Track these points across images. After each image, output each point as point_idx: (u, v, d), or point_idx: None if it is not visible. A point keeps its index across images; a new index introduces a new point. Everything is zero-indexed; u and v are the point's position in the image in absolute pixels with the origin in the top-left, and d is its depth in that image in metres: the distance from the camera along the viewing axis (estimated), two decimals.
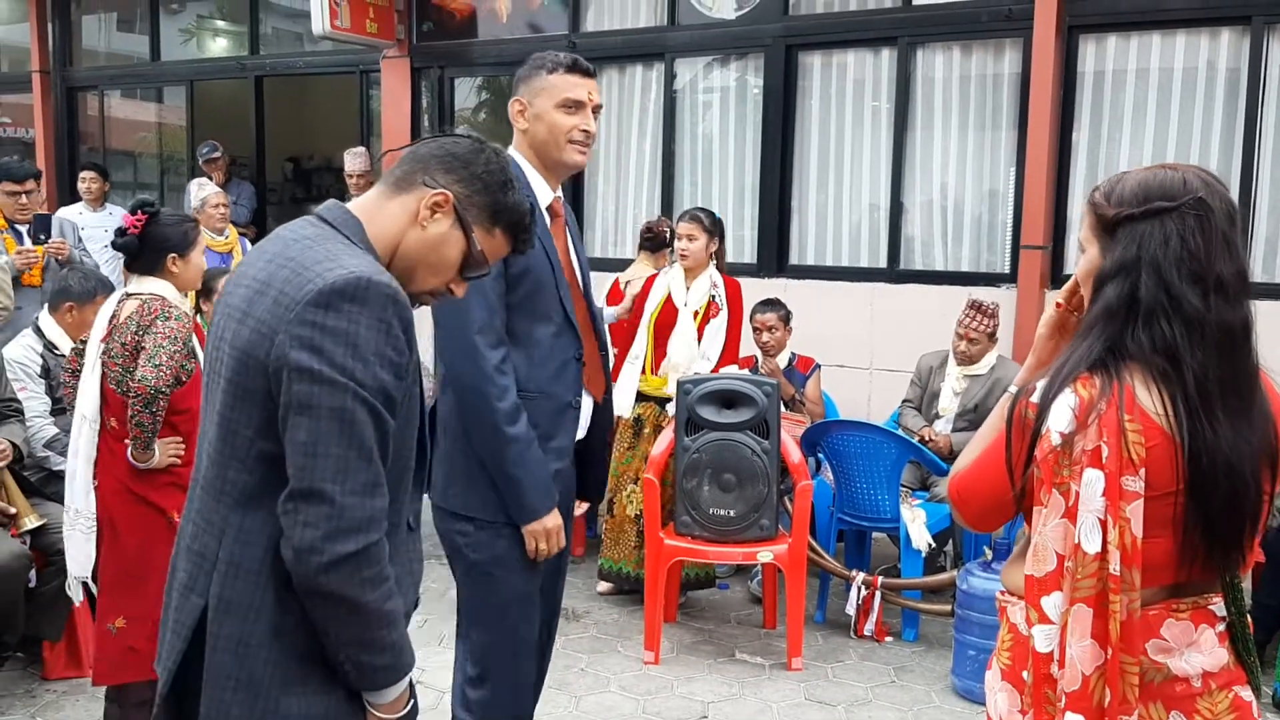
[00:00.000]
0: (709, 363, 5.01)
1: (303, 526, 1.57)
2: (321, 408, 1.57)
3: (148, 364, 3.33)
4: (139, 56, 10.13)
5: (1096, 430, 1.61)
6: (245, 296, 1.68)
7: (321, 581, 1.58)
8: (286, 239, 1.73)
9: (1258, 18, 5.56)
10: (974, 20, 6.28)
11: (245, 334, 1.64)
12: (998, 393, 5.15)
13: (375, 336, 1.60)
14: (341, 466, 1.57)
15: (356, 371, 1.58)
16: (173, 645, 1.72)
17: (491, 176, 1.82)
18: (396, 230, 1.79)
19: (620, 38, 7.44)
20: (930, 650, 4.68)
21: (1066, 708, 1.63)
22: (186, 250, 3.51)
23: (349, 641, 1.63)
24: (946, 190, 6.54)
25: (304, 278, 1.62)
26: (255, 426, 1.64)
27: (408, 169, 1.81)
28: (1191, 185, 1.66)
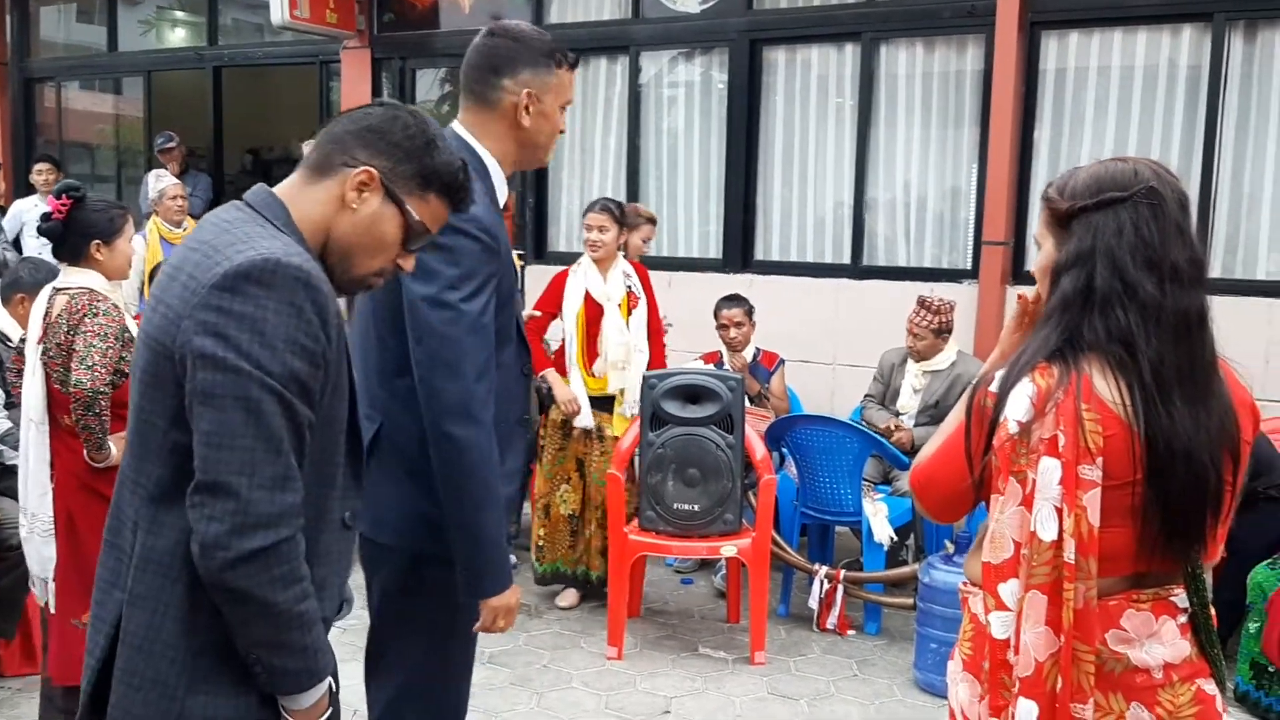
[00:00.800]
0: (643, 354, 4.92)
1: (208, 520, 1.50)
2: (226, 397, 1.50)
3: (80, 366, 3.24)
4: (97, 48, 9.99)
5: (1054, 419, 1.61)
6: (161, 283, 1.63)
7: (227, 578, 1.50)
8: (209, 223, 1.66)
9: (1219, 15, 5.61)
10: (937, 16, 6.30)
11: (156, 320, 1.58)
12: (958, 389, 5.19)
13: (284, 321, 1.52)
14: (248, 459, 1.50)
15: (263, 359, 1.50)
16: (95, 641, 1.66)
17: (413, 142, 1.73)
18: (323, 216, 1.70)
19: (584, 30, 7.40)
20: (892, 643, 4.68)
21: (1020, 693, 1.63)
22: (112, 237, 3.41)
23: (258, 642, 1.56)
24: (909, 187, 6.56)
25: (212, 260, 1.55)
26: (168, 417, 1.57)
27: (325, 151, 1.72)
28: (1143, 175, 1.67)
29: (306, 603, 1.57)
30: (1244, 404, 1.72)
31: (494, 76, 2.31)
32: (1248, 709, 4.06)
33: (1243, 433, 1.69)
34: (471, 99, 2.35)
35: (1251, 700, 4.06)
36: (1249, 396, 1.75)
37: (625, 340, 4.88)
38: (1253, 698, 4.05)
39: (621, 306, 4.91)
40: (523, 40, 2.34)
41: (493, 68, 2.31)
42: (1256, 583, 4.14)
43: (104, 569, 1.68)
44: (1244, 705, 4.06)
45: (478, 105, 2.34)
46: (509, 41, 2.33)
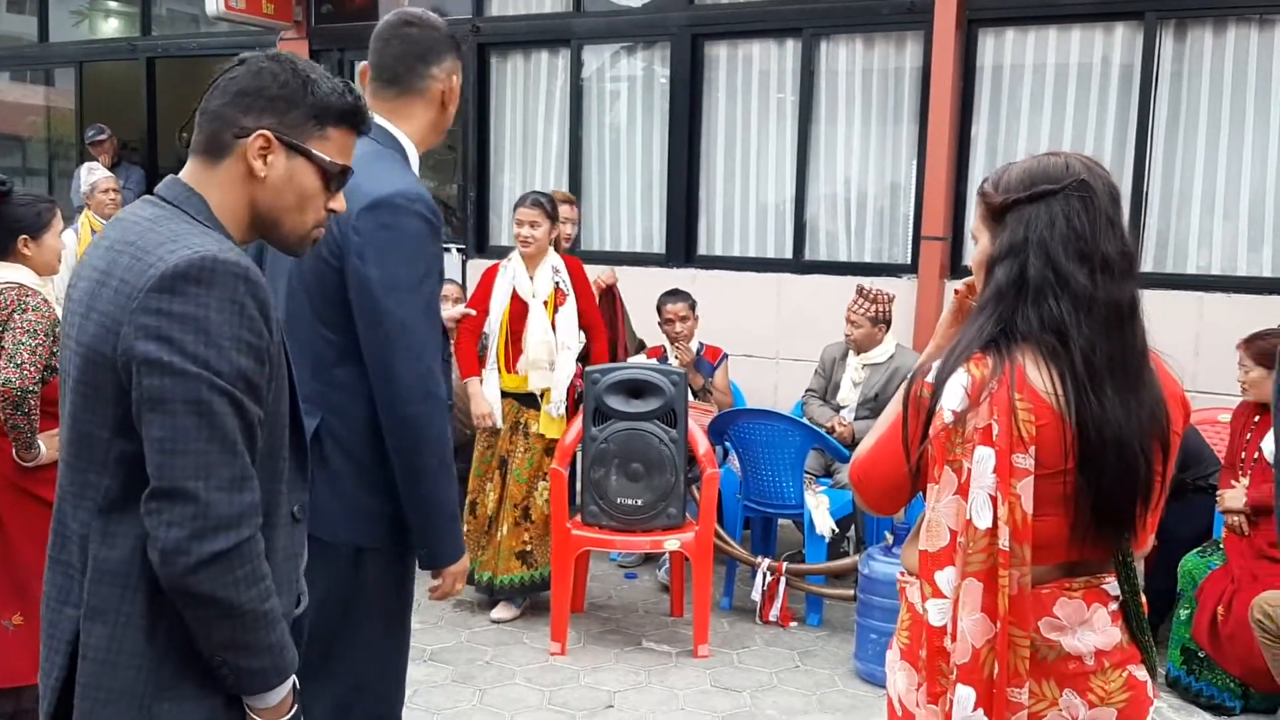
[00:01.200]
0: (570, 351, 4.79)
1: (167, 526, 1.47)
2: (176, 401, 1.47)
3: (9, 365, 3.16)
4: (27, 38, 9.76)
5: (988, 408, 1.63)
6: (87, 289, 1.57)
7: (190, 583, 1.48)
8: (127, 223, 1.61)
9: (1150, 13, 5.71)
10: (876, 13, 6.35)
11: (90, 329, 1.54)
12: (897, 381, 5.23)
13: (227, 319, 1.50)
14: (204, 462, 1.48)
15: (210, 359, 1.48)
16: (52, 661, 1.62)
17: (288, 88, 1.66)
18: (238, 196, 1.66)
19: (526, 23, 7.38)
20: (834, 635, 4.72)
21: (958, 680, 1.65)
22: (39, 232, 3.33)
23: (224, 644, 1.54)
24: (850, 182, 6.61)
25: (145, 262, 1.51)
26: (110, 427, 1.54)
27: (210, 130, 1.66)
28: (1074, 169, 1.70)
29: (269, 601, 1.56)
30: (1175, 396, 1.75)
31: (422, 65, 2.39)
32: (1179, 694, 4.15)
33: (1173, 424, 1.72)
34: (394, 85, 2.39)
35: (1183, 685, 4.14)
36: (1180, 389, 1.78)
37: (548, 340, 4.75)
38: (1184, 683, 4.14)
39: (548, 304, 4.80)
40: (440, 29, 2.44)
41: (421, 56, 2.38)
42: (1187, 570, 4.23)
43: (51, 586, 1.64)
44: (1175, 690, 4.15)
45: (401, 91, 2.39)
46: (432, 31, 2.41)
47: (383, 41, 2.41)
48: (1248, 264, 5.74)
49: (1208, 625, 4.05)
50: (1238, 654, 3.95)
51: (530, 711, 3.97)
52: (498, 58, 7.53)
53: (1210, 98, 5.72)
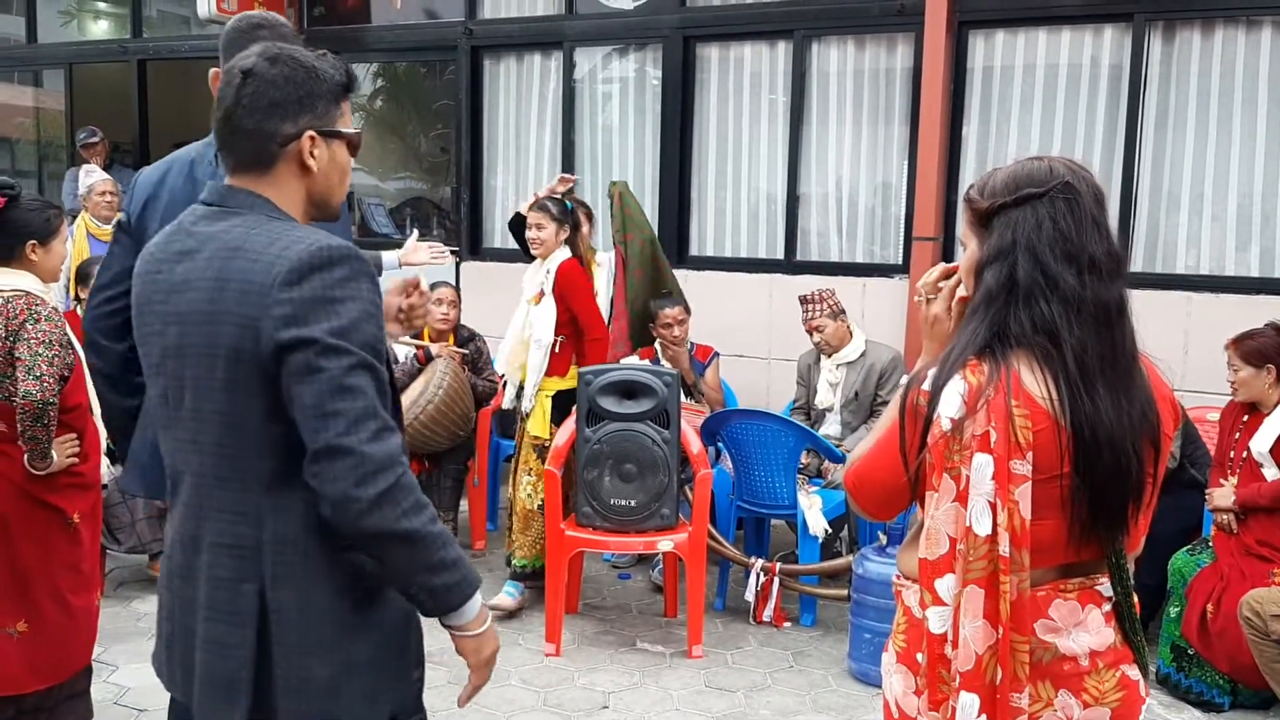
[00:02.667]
0: (539, 346, 4.87)
1: (331, 482, 1.63)
2: (320, 371, 1.63)
3: (28, 377, 3.13)
4: (15, 38, 9.72)
5: (985, 415, 1.64)
6: (201, 299, 1.71)
7: (366, 525, 1.64)
8: (212, 235, 1.75)
9: (1139, 15, 5.74)
10: (867, 15, 6.37)
11: (226, 332, 1.68)
12: (874, 376, 5.29)
13: (350, 296, 1.68)
14: (352, 420, 1.64)
15: (343, 332, 1.65)
16: (238, 635, 1.74)
17: (307, 84, 1.79)
18: (294, 190, 1.82)
19: (517, 25, 7.38)
20: (827, 635, 4.75)
21: (961, 687, 1.66)
22: (48, 238, 3.30)
23: (414, 569, 1.70)
24: (841, 182, 6.63)
25: (264, 262, 1.67)
26: (262, 414, 1.70)
27: (254, 147, 1.78)
28: (1058, 172, 1.73)
29: (437, 524, 1.72)
30: (1165, 398, 1.77)
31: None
32: (1169, 690, 4.18)
33: (1163, 426, 1.75)
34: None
35: (1173, 682, 4.18)
36: (1169, 392, 1.80)
37: (517, 337, 4.99)
38: (1174, 680, 4.18)
39: (532, 300, 4.96)
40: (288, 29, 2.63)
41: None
42: (1176, 568, 4.26)
43: (218, 569, 1.76)
44: (1165, 687, 4.18)
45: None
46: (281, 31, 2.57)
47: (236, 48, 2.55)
48: (1235, 264, 5.77)
49: (1197, 623, 4.08)
50: (1227, 651, 3.98)
51: (525, 713, 3.99)
52: (490, 60, 7.54)
53: (1198, 98, 5.75)
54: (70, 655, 3.38)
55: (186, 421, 1.77)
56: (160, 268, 1.79)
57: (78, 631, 3.39)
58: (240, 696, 1.74)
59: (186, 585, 1.81)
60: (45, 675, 3.32)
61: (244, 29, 2.54)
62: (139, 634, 4.60)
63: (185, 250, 1.76)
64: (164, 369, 1.79)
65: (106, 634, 4.55)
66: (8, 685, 3.28)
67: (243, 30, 2.54)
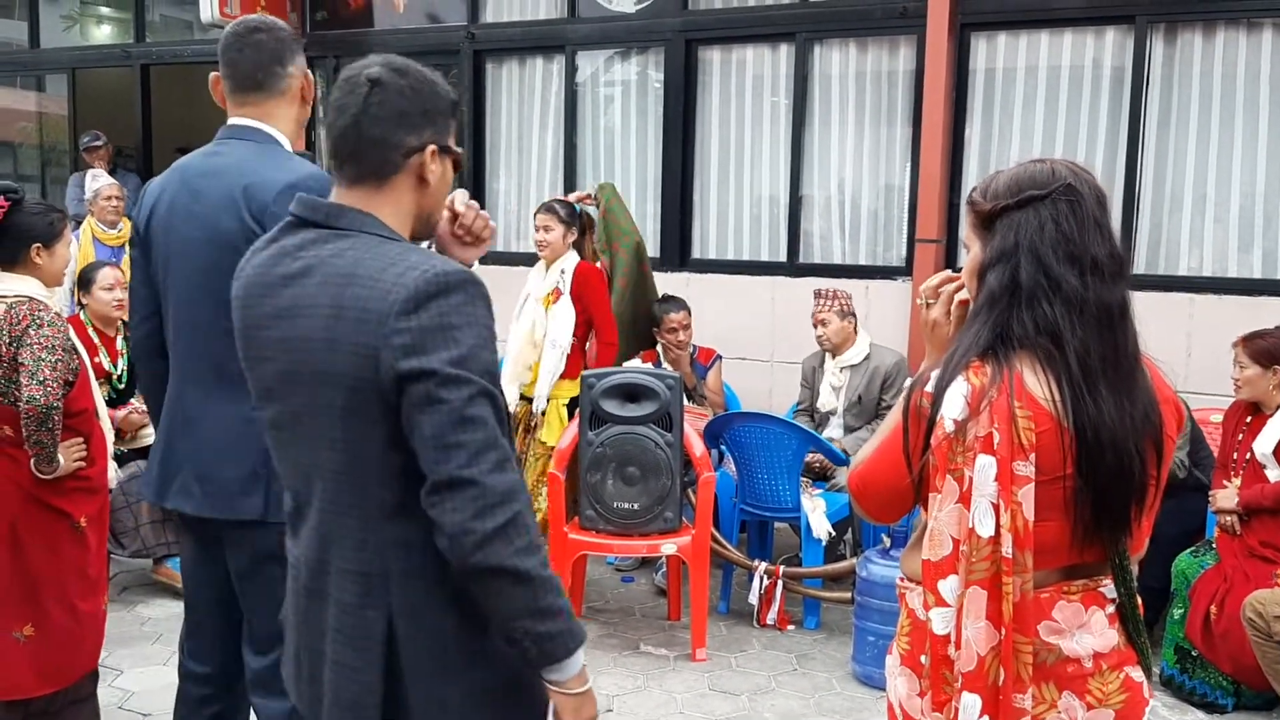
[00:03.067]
0: (556, 349, 4.92)
1: (450, 513, 1.60)
2: (441, 403, 1.60)
3: (32, 382, 3.13)
4: (18, 43, 9.75)
5: (988, 417, 1.65)
6: (316, 326, 1.68)
7: (479, 560, 1.60)
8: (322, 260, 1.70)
9: (1141, 17, 5.75)
10: (869, 17, 6.38)
11: (343, 361, 1.65)
12: (878, 380, 5.28)
13: (468, 322, 1.65)
14: (473, 451, 1.61)
15: (463, 361, 1.62)
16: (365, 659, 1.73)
17: (430, 98, 1.77)
18: (408, 206, 1.79)
19: (520, 29, 7.39)
20: (831, 637, 4.75)
21: (963, 688, 1.66)
22: (52, 241, 3.29)
23: (521, 613, 1.64)
24: (844, 185, 6.64)
25: (380, 290, 1.63)
26: (382, 442, 1.67)
27: (378, 157, 1.74)
28: (1060, 174, 1.73)
29: (548, 569, 1.67)
30: (1168, 401, 1.78)
31: (279, 66, 2.57)
32: (1173, 692, 4.18)
33: (1166, 427, 1.75)
34: (259, 90, 2.57)
35: (1176, 684, 4.17)
36: (1173, 394, 1.81)
37: (527, 337, 5.00)
38: (1177, 681, 4.17)
39: (543, 300, 4.98)
40: (286, 31, 2.63)
41: (276, 58, 2.56)
42: (1180, 570, 4.26)
43: (344, 593, 1.74)
44: (1169, 689, 4.18)
45: (267, 94, 2.57)
46: (279, 34, 2.59)
47: (235, 52, 2.57)
48: (1238, 265, 5.77)
49: (1201, 624, 4.08)
50: (1230, 652, 3.98)
51: None
52: (493, 64, 7.55)
53: (1200, 100, 5.75)
54: (76, 660, 3.38)
55: (305, 448, 1.76)
56: (266, 292, 1.75)
57: (84, 636, 3.40)
58: (370, 718, 1.74)
59: (314, 606, 1.80)
60: (51, 680, 3.32)
61: (241, 33, 2.56)
62: (143, 638, 4.60)
63: (291, 274, 1.72)
64: (277, 395, 1.77)
65: (111, 639, 4.55)
66: (14, 690, 3.28)
67: (240, 34, 2.55)
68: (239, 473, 2.47)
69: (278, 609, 2.51)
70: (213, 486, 2.49)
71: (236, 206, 2.42)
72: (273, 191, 2.38)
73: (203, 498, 2.51)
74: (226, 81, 2.58)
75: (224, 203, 2.44)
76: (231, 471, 2.47)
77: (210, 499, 2.50)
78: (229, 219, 2.42)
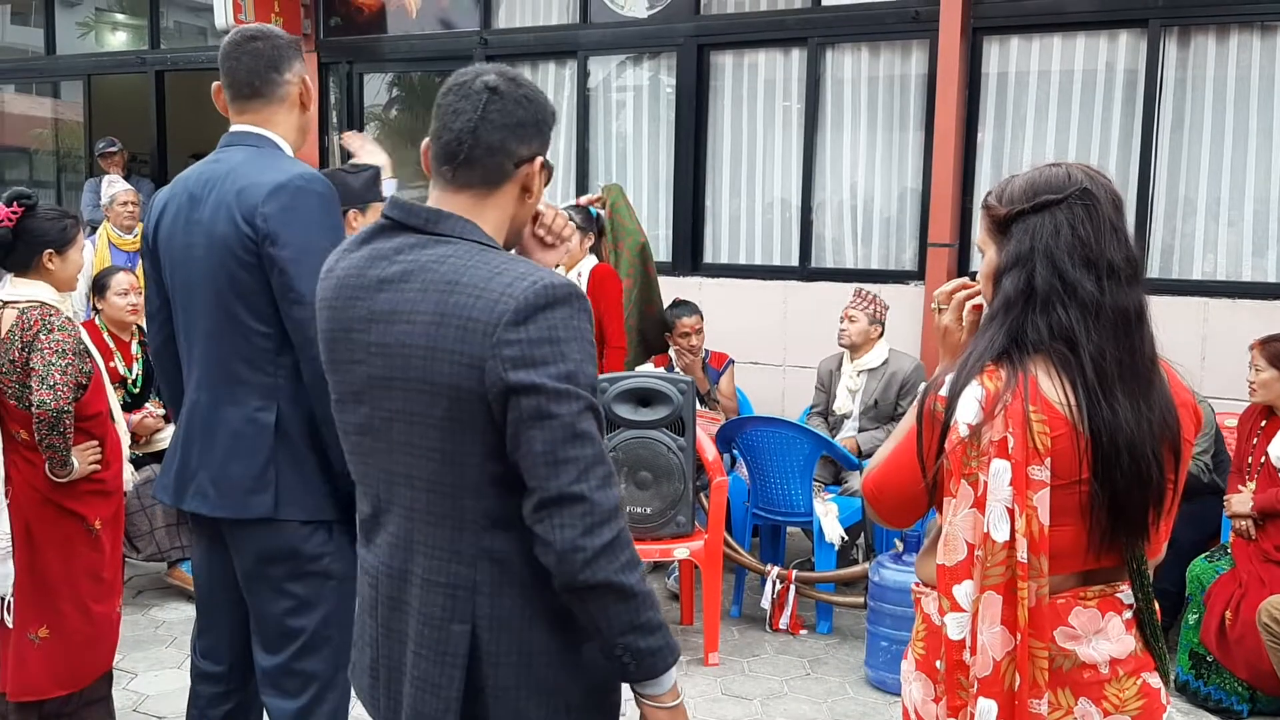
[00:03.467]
0: None
1: (560, 529, 1.59)
2: (552, 418, 1.59)
3: (43, 387, 3.16)
4: (34, 50, 9.81)
5: (1003, 421, 1.64)
6: (416, 333, 1.65)
7: (587, 576, 1.60)
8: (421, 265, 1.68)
9: (1154, 20, 5.74)
10: (881, 22, 6.38)
11: (445, 370, 1.62)
12: (895, 385, 5.28)
13: (574, 336, 1.63)
14: (583, 467, 1.60)
15: (572, 376, 1.61)
16: (447, 675, 1.70)
17: (538, 111, 1.77)
18: (508, 214, 1.78)
19: (532, 35, 7.41)
20: (844, 642, 4.74)
21: (979, 693, 1.66)
22: (65, 247, 3.32)
23: (623, 629, 1.64)
24: (856, 189, 6.63)
25: (488, 299, 1.61)
26: (481, 453, 1.65)
27: (492, 163, 1.72)
28: (1076, 178, 1.73)
29: (647, 584, 1.67)
30: (1186, 405, 1.77)
31: (275, 73, 2.59)
32: (1188, 698, 4.16)
33: (1184, 431, 1.74)
34: (256, 98, 2.59)
35: (1191, 690, 4.16)
36: (1191, 398, 1.80)
37: None
38: (1192, 687, 4.16)
39: None
40: (284, 38, 2.64)
41: (272, 65, 2.58)
42: (1195, 575, 4.24)
43: (431, 607, 1.71)
44: (1184, 694, 4.16)
45: (264, 101, 2.59)
46: (275, 41, 2.60)
47: (233, 60, 2.59)
48: (1252, 270, 5.75)
49: (1215, 629, 4.06)
50: (1245, 657, 3.96)
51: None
52: None
53: (1214, 104, 5.74)
54: (91, 662, 3.40)
55: (397, 455, 1.72)
56: (358, 294, 1.72)
57: (99, 639, 3.41)
58: None
59: (394, 617, 1.77)
60: (66, 682, 3.34)
61: (239, 41, 2.59)
62: (157, 641, 4.62)
63: (387, 278, 1.69)
64: (367, 399, 1.73)
65: (126, 641, 4.57)
66: (29, 691, 3.30)
67: (238, 43, 2.59)
68: (249, 471, 2.50)
69: (284, 609, 2.56)
70: (225, 486, 2.53)
71: (231, 212, 2.45)
72: (262, 193, 2.41)
73: (217, 498, 2.54)
74: (226, 90, 2.61)
75: (220, 209, 2.47)
76: (241, 470, 2.50)
77: (223, 499, 2.53)
78: (225, 224, 2.45)
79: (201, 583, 2.78)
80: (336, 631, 2.57)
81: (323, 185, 2.49)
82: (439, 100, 1.75)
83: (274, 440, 2.49)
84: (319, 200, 2.46)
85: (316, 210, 2.45)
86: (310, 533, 2.53)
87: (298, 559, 2.53)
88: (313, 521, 2.53)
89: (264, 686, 2.63)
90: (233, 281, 2.45)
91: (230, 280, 2.45)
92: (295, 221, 2.41)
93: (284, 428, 2.49)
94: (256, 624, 2.62)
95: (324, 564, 2.55)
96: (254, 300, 2.45)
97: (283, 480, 2.48)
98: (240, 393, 2.51)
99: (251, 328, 2.47)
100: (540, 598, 1.68)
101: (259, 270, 2.43)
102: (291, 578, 2.54)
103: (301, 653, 2.57)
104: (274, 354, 2.48)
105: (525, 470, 1.61)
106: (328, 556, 2.55)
